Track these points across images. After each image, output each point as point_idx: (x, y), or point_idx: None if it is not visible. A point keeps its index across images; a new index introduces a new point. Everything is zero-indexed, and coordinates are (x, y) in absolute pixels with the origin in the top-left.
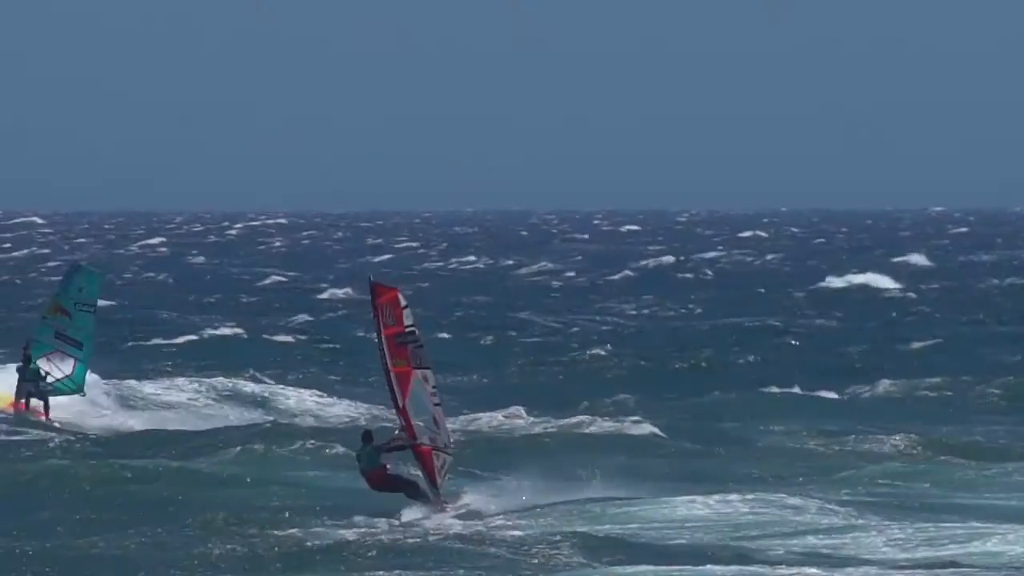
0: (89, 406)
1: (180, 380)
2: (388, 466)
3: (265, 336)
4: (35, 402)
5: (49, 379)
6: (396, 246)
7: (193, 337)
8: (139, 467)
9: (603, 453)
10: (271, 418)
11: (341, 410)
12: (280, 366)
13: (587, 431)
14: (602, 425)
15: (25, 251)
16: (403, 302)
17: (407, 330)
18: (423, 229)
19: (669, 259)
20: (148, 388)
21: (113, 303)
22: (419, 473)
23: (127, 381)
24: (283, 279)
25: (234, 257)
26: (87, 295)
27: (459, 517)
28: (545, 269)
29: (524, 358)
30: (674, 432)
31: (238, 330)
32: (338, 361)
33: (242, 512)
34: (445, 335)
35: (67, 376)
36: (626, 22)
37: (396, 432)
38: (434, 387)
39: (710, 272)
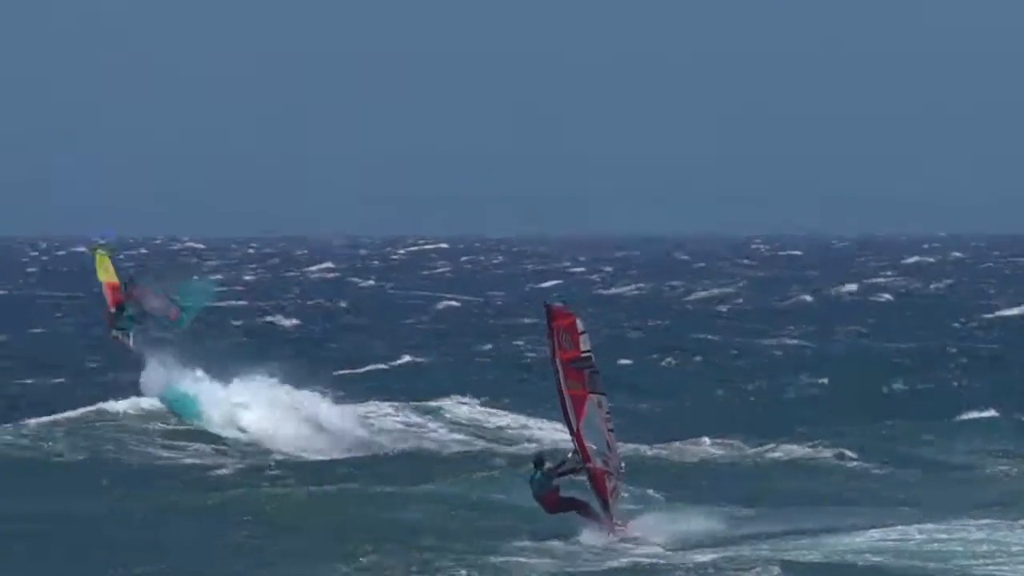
0: (283, 431)
1: (368, 404)
2: (560, 489)
3: (448, 360)
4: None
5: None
6: (567, 271)
7: (381, 365)
8: (322, 493)
9: (789, 478)
10: (457, 440)
11: (527, 432)
12: (464, 390)
13: (772, 456)
14: (787, 450)
15: (226, 275)
16: (581, 327)
17: (583, 355)
18: (582, 252)
19: (849, 286)
20: (337, 412)
21: (296, 322)
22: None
23: (317, 405)
24: (456, 304)
25: (403, 282)
26: (201, 291)
27: (636, 541)
28: (714, 295)
29: (704, 383)
30: (862, 457)
31: (419, 356)
32: (522, 384)
33: (423, 535)
34: (625, 360)
35: (166, 316)
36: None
37: (569, 455)
38: (608, 412)
39: (886, 296)
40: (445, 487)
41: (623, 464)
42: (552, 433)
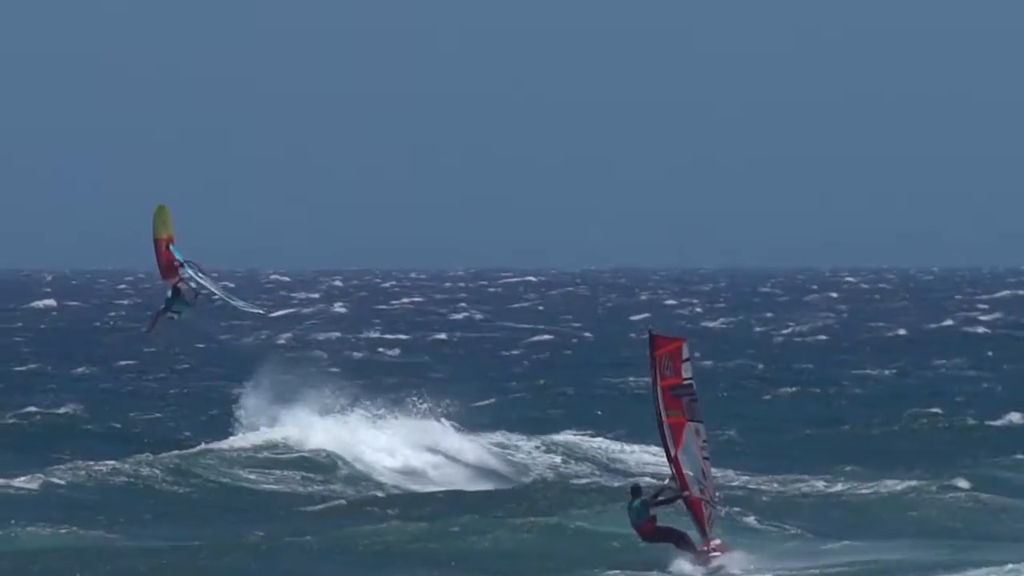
0: (401, 461)
1: (475, 434)
2: (657, 518)
3: (551, 392)
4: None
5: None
6: (657, 304)
7: (491, 399)
8: (429, 524)
9: (894, 511)
10: (555, 469)
11: (623, 459)
12: (566, 420)
13: (877, 489)
14: (893, 482)
15: (316, 307)
16: (686, 354)
17: (685, 382)
18: (664, 286)
19: (947, 321)
20: (455, 442)
21: (397, 352)
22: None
23: (436, 435)
24: (549, 336)
25: (497, 315)
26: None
27: (733, 569)
28: (806, 328)
29: (804, 415)
30: (971, 491)
31: (518, 388)
32: (621, 414)
33: (522, 563)
34: (722, 392)
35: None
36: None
37: (666, 482)
38: (704, 440)
39: (982, 329)
40: (545, 516)
41: (718, 494)
42: (646, 456)
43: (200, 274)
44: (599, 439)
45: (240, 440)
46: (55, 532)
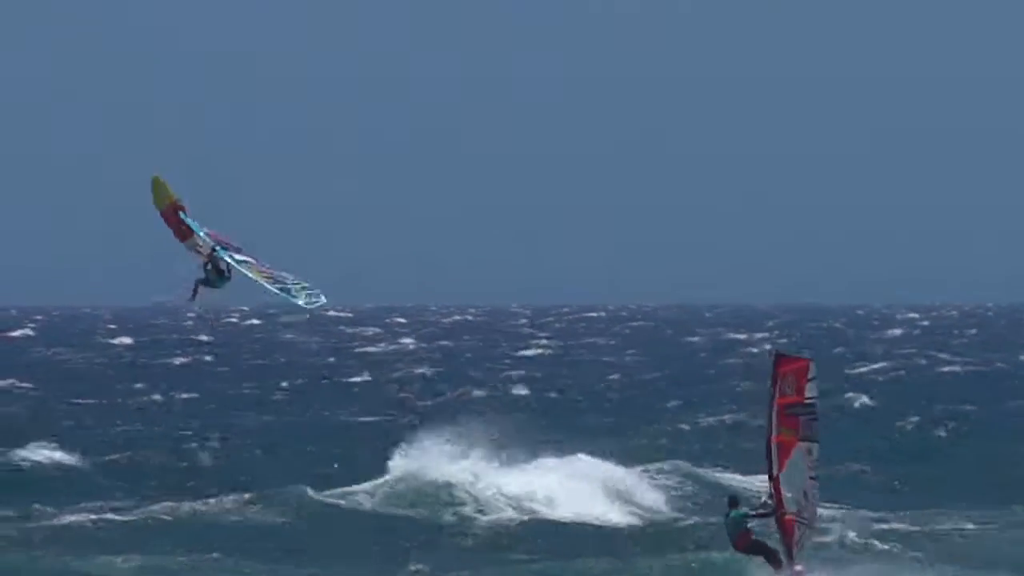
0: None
1: (606, 471)
2: (753, 532)
3: (645, 425)
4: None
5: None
6: (727, 339)
7: (595, 433)
8: (545, 567)
9: (994, 545)
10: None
11: (722, 484)
12: (670, 454)
13: (969, 524)
14: (982, 518)
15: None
16: (811, 373)
17: (807, 401)
18: (725, 322)
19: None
20: (587, 480)
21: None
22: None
23: (565, 475)
24: (618, 375)
25: (571, 350)
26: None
27: None
28: (884, 365)
29: (897, 449)
30: None
31: (627, 426)
32: (730, 446)
33: None
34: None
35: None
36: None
37: (764, 499)
38: (815, 460)
39: None
40: (690, 552)
41: (818, 516)
42: (747, 484)
43: (237, 257)
44: (705, 468)
45: (365, 478)
46: (155, 565)
